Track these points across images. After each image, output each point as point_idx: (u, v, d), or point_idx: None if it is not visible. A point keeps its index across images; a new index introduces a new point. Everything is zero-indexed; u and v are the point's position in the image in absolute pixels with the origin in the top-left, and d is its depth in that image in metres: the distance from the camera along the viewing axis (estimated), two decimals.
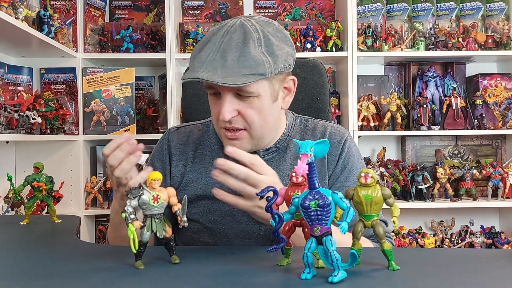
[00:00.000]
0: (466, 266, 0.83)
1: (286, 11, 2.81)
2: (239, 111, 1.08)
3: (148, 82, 2.82)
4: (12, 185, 1.52)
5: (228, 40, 1.04)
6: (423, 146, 2.78)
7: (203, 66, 1.03)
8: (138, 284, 0.73)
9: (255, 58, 1.03)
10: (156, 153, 1.29)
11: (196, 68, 1.04)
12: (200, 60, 1.05)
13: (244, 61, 1.02)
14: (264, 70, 1.03)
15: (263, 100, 1.09)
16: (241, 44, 1.03)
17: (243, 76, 1.01)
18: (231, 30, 1.05)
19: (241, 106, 1.08)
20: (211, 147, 1.24)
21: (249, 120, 1.09)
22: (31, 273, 0.82)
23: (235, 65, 1.02)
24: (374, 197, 0.74)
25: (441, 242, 2.67)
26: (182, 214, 0.81)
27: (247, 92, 1.06)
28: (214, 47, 1.04)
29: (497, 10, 2.77)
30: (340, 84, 2.75)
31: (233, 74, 1.01)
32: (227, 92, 1.06)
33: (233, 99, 1.07)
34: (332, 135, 1.23)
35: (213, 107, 1.13)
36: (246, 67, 1.02)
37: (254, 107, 1.08)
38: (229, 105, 1.06)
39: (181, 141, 1.26)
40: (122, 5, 2.81)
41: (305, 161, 0.70)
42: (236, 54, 1.03)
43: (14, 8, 1.87)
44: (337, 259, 0.69)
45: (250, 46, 1.03)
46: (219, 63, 1.02)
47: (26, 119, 2.01)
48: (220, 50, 1.04)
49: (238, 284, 0.72)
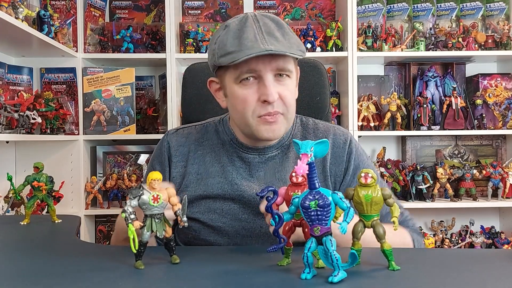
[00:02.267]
0: (466, 266, 0.83)
1: (286, 11, 2.81)
2: (279, 93, 1.09)
3: (148, 82, 2.82)
4: (12, 185, 1.51)
5: (264, 25, 1.06)
6: (423, 146, 2.78)
7: (259, 43, 1.02)
8: (138, 284, 0.73)
9: (294, 37, 1.09)
10: (155, 155, 1.29)
11: (249, 46, 1.02)
12: (248, 40, 1.03)
13: (289, 39, 1.07)
14: (303, 48, 1.09)
15: (293, 81, 1.13)
16: (278, 27, 1.07)
17: (297, 50, 1.05)
18: (256, 19, 1.08)
19: (280, 88, 1.09)
20: (211, 148, 1.24)
21: (287, 103, 1.11)
22: (31, 273, 0.82)
23: (286, 41, 1.05)
24: (374, 197, 0.74)
25: (441, 242, 2.67)
26: (182, 214, 0.81)
27: (288, 70, 1.09)
28: (255, 30, 1.05)
29: (497, 10, 2.77)
30: (340, 84, 2.75)
31: (290, 48, 1.04)
32: (270, 73, 1.07)
33: (273, 80, 1.08)
34: (336, 135, 1.23)
35: (248, 97, 1.09)
36: (294, 43, 1.06)
37: (289, 88, 1.11)
38: (274, 86, 1.07)
39: (180, 142, 1.26)
40: (122, 5, 2.81)
41: (305, 161, 0.70)
42: (280, 33, 1.06)
43: (14, 8, 1.87)
44: (337, 259, 0.69)
45: (286, 29, 1.08)
46: (272, 39, 1.04)
47: (26, 119, 2.01)
48: (264, 32, 1.05)
49: (238, 284, 0.72)
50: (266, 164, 1.19)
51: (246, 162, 1.20)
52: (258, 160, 1.19)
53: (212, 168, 1.20)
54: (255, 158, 1.20)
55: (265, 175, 1.18)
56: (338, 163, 1.20)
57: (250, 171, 1.19)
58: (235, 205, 1.17)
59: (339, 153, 1.21)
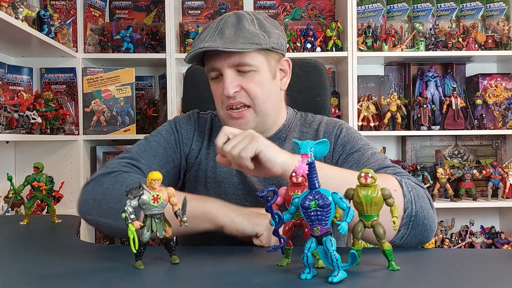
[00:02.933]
0: (466, 266, 0.83)
1: (286, 11, 2.81)
2: (241, 86, 1.13)
3: (148, 82, 2.82)
4: (12, 185, 1.52)
5: (224, 23, 1.13)
6: (423, 146, 2.78)
7: (203, 42, 1.11)
8: (138, 284, 0.73)
9: (250, 31, 1.12)
10: (180, 121, 1.30)
11: (196, 45, 1.11)
12: (199, 39, 1.13)
13: (240, 33, 1.11)
14: (259, 41, 1.11)
15: (262, 75, 1.15)
16: (236, 23, 1.13)
17: (241, 44, 1.09)
18: (225, 17, 1.15)
19: (243, 81, 1.13)
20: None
21: (253, 94, 1.14)
22: (31, 273, 0.82)
23: (233, 36, 1.10)
24: (374, 197, 0.74)
25: (441, 242, 2.66)
26: (182, 214, 0.80)
27: (247, 64, 1.12)
28: (211, 30, 1.14)
29: (497, 11, 2.77)
30: (340, 84, 2.75)
31: (231, 42, 1.09)
32: (228, 69, 1.12)
33: (234, 75, 1.13)
34: (328, 124, 1.26)
35: (216, 91, 1.17)
36: (243, 37, 1.10)
37: (256, 81, 1.14)
38: (232, 80, 1.12)
39: (201, 123, 1.31)
40: (122, 5, 2.81)
41: (305, 161, 0.70)
42: (232, 30, 1.12)
43: (14, 8, 1.87)
44: (337, 259, 0.69)
45: (244, 23, 1.13)
46: (217, 36, 1.11)
47: (26, 119, 2.01)
48: (218, 30, 1.13)
49: (238, 284, 0.72)
50: None
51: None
52: None
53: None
54: None
55: None
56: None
57: None
58: (240, 191, 1.21)
59: (328, 137, 1.21)
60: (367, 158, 1.13)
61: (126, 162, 1.16)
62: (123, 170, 1.12)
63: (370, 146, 1.19)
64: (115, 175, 1.09)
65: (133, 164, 1.16)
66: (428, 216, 0.96)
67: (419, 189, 1.00)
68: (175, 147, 1.26)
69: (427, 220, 0.96)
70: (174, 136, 1.27)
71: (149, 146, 1.22)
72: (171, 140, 1.26)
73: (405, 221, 0.94)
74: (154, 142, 1.24)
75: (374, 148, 1.19)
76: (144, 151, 1.21)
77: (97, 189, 1.07)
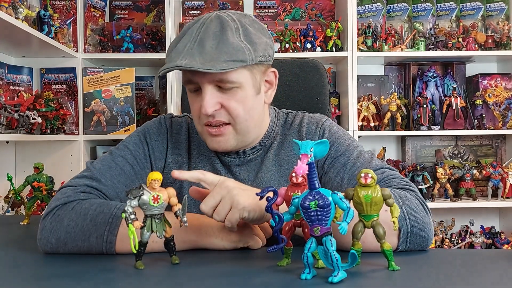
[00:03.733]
0: (466, 266, 0.83)
1: (286, 11, 2.81)
2: (221, 103, 1.03)
3: (148, 82, 2.82)
4: (12, 185, 1.52)
5: (205, 30, 1.00)
6: (423, 146, 2.79)
7: (181, 56, 0.99)
8: (138, 284, 0.73)
9: (234, 44, 0.99)
10: (149, 131, 1.17)
11: (173, 58, 1.00)
12: (177, 51, 1.00)
13: (223, 47, 0.98)
14: (244, 56, 0.99)
15: (246, 91, 1.04)
16: (219, 33, 1.00)
17: (223, 62, 0.97)
18: (207, 22, 1.02)
19: (223, 98, 1.03)
20: (199, 142, 1.18)
21: (234, 113, 1.04)
22: (31, 273, 0.82)
23: (214, 52, 0.98)
24: (374, 197, 0.74)
25: (441, 242, 2.67)
26: (182, 215, 0.80)
27: (229, 81, 1.01)
28: (191, 38, 1.01)
29: (497, 10, 2.77)
30: (340, 84, 2.75)
31: (212, 60, 0.97)
32: (208, 85, 1.01)
33: (215, 91, 1.02)
34: (309, 124, 1.18)
35: (194, 104, 1.07)
36: (226, 53, 0.98)
37: (238, 98, 1.04)
38: (211, 97, 1.01)
39: (175, 130, 1.19)
40: (122, 5, 2.81)
41: (305, 161, 0.70)
42: (214, 42, 0.99)
43: (14, 8, 1.87)
44: (337, 259, 0.69)
45: (228, 34, 1.00)
46: (197, 51, 0.98)
47: (26, 119, 2.01)
48: (198, 40, 1.00)
49: (238, 284, 0.72)
50: (248, 165, 1.15)
51: (226, 165, 1.16)
52: (239, 162, 1.15)
53: (202, 164, 1.16)
54: (235, 161, 1.15)
55: (248, 176, 1.15)
56: None
57: (233, 174, 1.15)
58: None
59: (312, 139, 1.14)
60: (353, 162, 1.08)
61: (84, 185, 1.03)
62: (80, 198, 0.99)
63: (355, 144, 1.13)
64: (72, 207, 0.96)
65: (92, 186, 1.03)
66: (424, 227, 0.91)
67: (409, 197, 0.94)
68: (144, 161, 1.13)
69: (424, 232, 0.91)
70: (143, 149, 1.14)
71: (114, 163, 1.09)
72: (139, 154, 1.13)
73: (402, 239, 0.89)
74: (120, 157, 1.11)
75: (359, 146, 1.14)
76: (108, 168, 1.08)
77: (58, 227, 0.94)
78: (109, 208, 0.94)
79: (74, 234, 0.92)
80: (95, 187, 1.04)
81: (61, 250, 0.93)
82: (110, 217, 0.92)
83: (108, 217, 0.92)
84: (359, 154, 1.10)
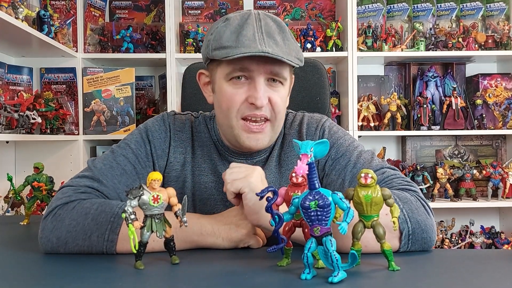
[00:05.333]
0: (466, 266, 0.83)
1: (286, 11, 2.81)
2: (269, 98, 1.04)
3: (148, 82, 2.82)
4: (12, 185, 1.52)
5: (265, 25, 1.01)
6: (423, 146, 2.78)
7: (257, 43, 0.97)
8: (138, 284, 0.73)
9: (295, 44, 1.04)
10: (151, 128, 1.14)
11: (246, 44, 0.97)
12: (246, 37, 0.98)
13: (289, 44, 1.02)
14: (302, 57, 1.04)
15: (285, 90, 1.08)
16: (279, 30, 1.03)
17: (294, 58, 1.01)
18: (259, 17, 1.03)
19: (271, 93, 1.04)
20: (203, 142, 1.17)
21: (276, 109, 1.05)
22: (31, 273, 0.82)
23: (284, 46, 1.01)
24: (374, 197, 0.74)
25: (441, 242, 2.67)
26: (182, 215, 0.80)
27: (282, 77, 1.04)
28: (255, 29, 1.00)
29: (497, 10, 2.77)
30: (340, 84, 2.75)
31: (287, 53, 1.00)
32: (261, 76, 1.02)
33: (265, 84, 1.03)
34: (309, 124, 1.18)
35: (236, 95, 1.04)
36: (293, 50, 1.02)
37: (281, 95, 1.06)
38: (264, 90, 1.02)
39: (178, 128, 1.17)
40: (122, 5, 2.81)
41: (305, 161, 0.69)
42: (280, 37, 1.01)
43: (14, 8, 1.87)
44: (337, 259, 0.69)
45: (287, 33, 1.04)
46: (271, 41, 0.99)
47: (26, 119, 2.01)
48: (264, 32, 1.00)
49: (238, 284, 0.72)
50: None
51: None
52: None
53: (204, 165, 1.15)
54: (241, 162, 1.12)
55: None
56: None
57: None
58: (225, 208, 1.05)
59: (312, 139, 1.08)
60: (354, 163, 1.08)
61: (85, 186, 1.01)
62: (82, 198, 0.98)
63: (355, 145, 1.13)
64: (73, 206, 0.95)
65: (93, 187, 1.02)
66: (426, 228, 0.91)
67: (410, 198, 0.93)
68: (146, 160, 1.11)
69: (426, 233, 0.91)
70: (145, 148, 1.11)
71: (115, 162, 1.07)
72: (141, 153, 1.11)
73: (403, 242, 0.89)
74: (121, 156, 1.08)
75: (359, 146, 1.14)
76: (109, 168, 1.06)
77: (59, 226, 0.93)
78: (111, 207, 0.94)
79: (75, 233, 0.92)
80: (96, 188, 1.02)
81: (62, 249, 0.93)
82: (112, 216, 0.92)
83: (109, 216, 0.92)
84: (360, 155, 1.10)
